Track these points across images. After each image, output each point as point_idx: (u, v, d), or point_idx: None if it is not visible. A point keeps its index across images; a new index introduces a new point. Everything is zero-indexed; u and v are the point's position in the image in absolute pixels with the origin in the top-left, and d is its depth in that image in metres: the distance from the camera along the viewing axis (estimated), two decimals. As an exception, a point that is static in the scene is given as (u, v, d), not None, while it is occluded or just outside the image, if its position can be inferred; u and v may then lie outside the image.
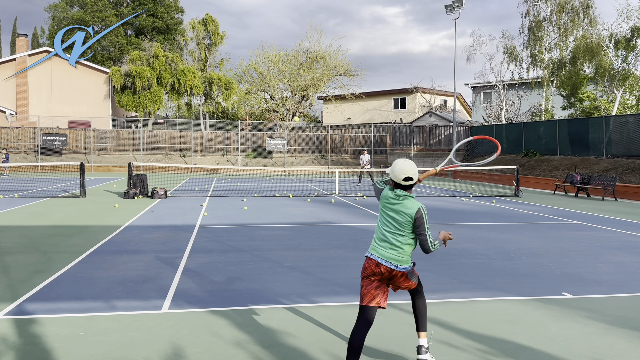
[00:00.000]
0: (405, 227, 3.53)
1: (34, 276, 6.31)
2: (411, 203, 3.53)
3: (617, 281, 6.54)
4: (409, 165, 3.54)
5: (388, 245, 3.58)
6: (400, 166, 3.54)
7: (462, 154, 35.72)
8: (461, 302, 5.53)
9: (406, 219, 3.51)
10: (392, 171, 3.57)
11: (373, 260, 3.59)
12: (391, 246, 3.57)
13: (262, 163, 35.96)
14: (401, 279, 3.61)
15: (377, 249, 3.61)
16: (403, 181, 3.53)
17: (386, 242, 3.60)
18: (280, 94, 43.31)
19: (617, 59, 29.28)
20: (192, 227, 10.36)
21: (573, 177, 19.96)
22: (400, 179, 3.53)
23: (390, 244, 3.57)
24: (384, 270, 3.54)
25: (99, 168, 32.42)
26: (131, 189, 15.95)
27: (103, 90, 37.99)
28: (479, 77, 38.98)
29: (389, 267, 3.54)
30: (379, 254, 3.59)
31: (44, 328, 4.56)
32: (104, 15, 48.24)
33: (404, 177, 3.52)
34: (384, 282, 3.61)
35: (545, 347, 4.30)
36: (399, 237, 3.56)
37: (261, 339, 4.38)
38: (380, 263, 3.55)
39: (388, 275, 3.55)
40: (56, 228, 9.98)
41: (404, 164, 3.54)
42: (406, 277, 3.61)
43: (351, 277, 6.52)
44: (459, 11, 30.62)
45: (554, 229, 10.87)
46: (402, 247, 3.56)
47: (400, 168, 3.53)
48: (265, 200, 15.80)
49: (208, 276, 6.43)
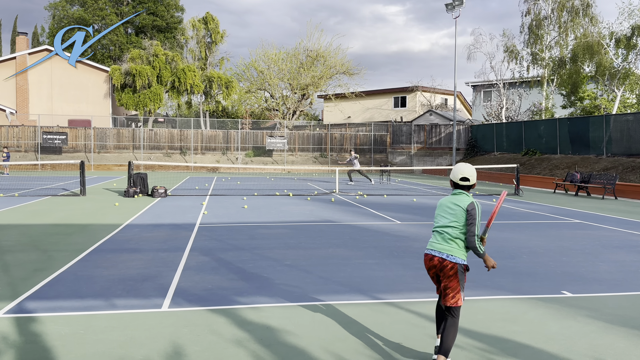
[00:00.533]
0: (459, 219, 3.77)
1: (34, 274, 6.32)
2: (466, 197, 3.83)
3: (618, 280, 6.54)
4: (466, 167, 3.90)
5: (442, 238, 3.83)
6: (458, 167, 3.92)
7: (462, 152, 35.71)
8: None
9: (460, 210, 3.77)
10: (452, 172, 3.95)
11: (428, 255, 3.88)
12: (445, 239, 3.81)
13: (262, 162, 35.96)
14: (450, 272, 3.75)
15: (432, 244, 3.88)
16: (460, 181, 3.88)
17: (440, 235, 3.85)
18: (280, 92, 43.30)
19: (617, 57, 29.25)
20: (192, 225, 10.36)
21: (573, 176, 19.95)
22: (457, 178, 3.89)
23: (444, 238, 3.82)
24: (436, 262, 3.81)
25: (99, 167, 32.42)
26: (131, 187, 15.95)
27: (103, 89, 37.98)
28: (480, 75, 39.01)
29: (440, 258, 3.78)
30: (433, 247, 3.86)
31: (44, 326, 4.56)
32: (104, 14, 48.21)
33: (460, 177, 3.88)
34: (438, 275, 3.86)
35: (546, 346, 4.30)
36: (452, 229, 3.78)
37: (261, 338, 4.38)
38: (434, 256, 3.83)
39: (439, 266, 3.78)
40: (56, 226, 9.98)
41: (462, 165, 3.93)
42: (455, 273, 3.75)
43: (351, 275, 6.52)
44: (460, 10, 30.59)
45: (554, 228, 10.87)
46: (455, 241, 3.78)
47: (458, 169, 3.91)
48: (266, 199, 15.80)
49: (208, 275, 6.44)
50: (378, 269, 6.92)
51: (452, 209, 3.80)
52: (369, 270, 6.84)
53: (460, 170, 3.88)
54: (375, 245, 8.61)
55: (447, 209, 3.84)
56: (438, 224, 3.89)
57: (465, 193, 3.86)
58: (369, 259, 7.53)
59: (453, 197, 3.87)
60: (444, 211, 3.87)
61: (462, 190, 3.89)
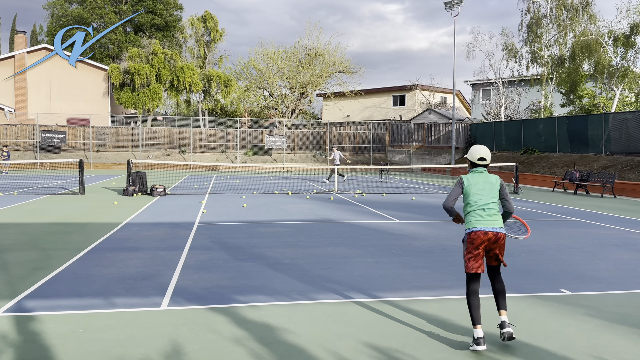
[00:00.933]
0: (496, 192, 4.31)
1: (33, 273, 6.31)
2: (492, 175, 4.36)
3: (616, 278, 6.55)
4: (483, 148, 4.40)
5: (488, 215, 4.25)
6: (476, 148, 4.40)
7: (461, 150, 35.72)
8: (460, 299, 5.54)
9: (495, 184, 4.33)
10: (469, 153, 4.42)
11: (480, 231, 4.22)
12: (491, 214, 4.26)
13: (262, 160, 35.94)
14: (502, 241, 4.27)
15: (481, 221, 4.24)
16: (478, 161, 4.36)
17: (486, 212, 4.26)
18: (279, 91, 43.25)
19: (616, 56, 29.26)
20: (191, 224, 10.35)
21: (572, 174, 19.97)
22: (475, 158, 4.38)
23: (490, 214, 4.26)
24: (491, 235, 4.22)
25: (98, 165, 32.38)
26: (130, 186, 15.94)
27: (102, 88, 37.92)
28: (479, 74, 39.01)
29: (494, 232, 4.22)
30: (485, 224, 4.23)
31: (43, 325, 4.56)
32: (103, 12, 48.10)
33: (478, 157, 4.36)
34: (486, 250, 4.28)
35: (544, 344, 4.31)
36: (494, 204, 4.29)
37: (260, 336, 4.38)
38: (487, 231, 4.21)
39: (494, 238, 4.23)
40: (55, 225, 9.97)
41: (479, 147, 4.41)
42: (504, 241, 4.30)
43: (350, 274, 6.53)
44: (459, 8, 30.58)
45: (552, 226, 10.88)
46: (498, 215, 4.30)
47: (476, 150, 4.38)
48: (265, 198, 15.80)
49: (207, 273, 6.44)
50: (377, 267, 6.93)
51: (490, 187, 4.29)
52: (367, 268, 6.84)
53: (478, 151, 4.36)
54: (374, 243, 8.62)
55: (485, 187, 4.29)
56: (481, 202, 4.27)
57: (486, 172, 4.34)
58: (367, 257, 7.53)
59: (480, 175, 4.34)
60: (481, 190, 4.28)
61: (483, 168, 4.36)
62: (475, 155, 4.37)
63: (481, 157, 4.35)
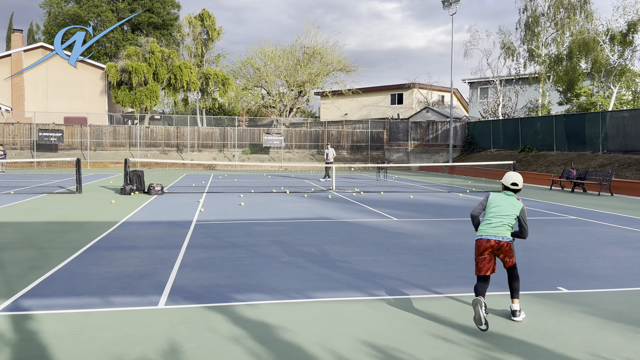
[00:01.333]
0: (514, 213, 4.82)
1: (30, 272, 6.30)
2: (518, 201, 4.91)
3: (613, 276, 6.56)
4: (516, 175, 4.98)
5: (497, 225, 4.78)
6: (510, 175, 4.99)
7: (459, 149, 35.75)
8: (457, 297, 5.55)
9: (517, 209, 4.83)
10: (504, 178, 5.04)
11: (484, 238, 4.81)
12: (499, 226, 4.78)
13: (259, 159, 35.92)
14: (507, 249, 4.76)
15: (487, 230, 4.81)
16: (511, 185, 4.95)
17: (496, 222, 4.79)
18: (277, 89, 43.22)
19: (613, 54, 29.31)
20: (188, 223, 10.34)
21: (569, 173, 20.01)
22: (508, 183, 4.97)
23: (500, 224, 4.78)
24: (493, 243, 4.75)
25: (95, 164, 32.31)
26: (128, 185, 15.91)
27: (99, 86, 37.84)
28: (476, 72, 39.03)
29: (496, 240, 4.75)
30: (488, 233, 4.79)
31: (40, 324, 4.55)
32: (100, 11, 47.98)
33: (511, 182, 4.96)
34: (494, 254, 4.78)
35: (541, 342, 4.32)
36: (508, 219, 4.79)
37: (258, 335, 4.38)
38: (489, 239, 4.77)
39: (497, 246, 4.74)
40: (52, 224, 9.95)
41: (512, 174, 4.99)
42: (510, 247, 4.77)
43: (348, 272, 6.53)
44: (456, 6, 30.58)
45: (550, 224, 10.90)
46: (506, 227, 4.80)
47: (510, 177, 4.98)
48: (262, 196, 15.79)
49: (205, 272, 6.43)
50: (374, 265, 6.93)
51: (512, 208, 4.84)
52: (365, 266, 6.85)
53: (512, 178, 4.97)
54: (372, 241, 8.62)
55: (505, 205, 4.84)
56: (495, 215, 4.83)
57: (515, 196, 4.93)
58: (365, 255, 7.53)
59: (507, 196, 4.92)
60: (501, 207, 4.85)
61: (512, 193, 4.95)
62: (508, 180, 4.98)
63: (514, 183, 4.95)
